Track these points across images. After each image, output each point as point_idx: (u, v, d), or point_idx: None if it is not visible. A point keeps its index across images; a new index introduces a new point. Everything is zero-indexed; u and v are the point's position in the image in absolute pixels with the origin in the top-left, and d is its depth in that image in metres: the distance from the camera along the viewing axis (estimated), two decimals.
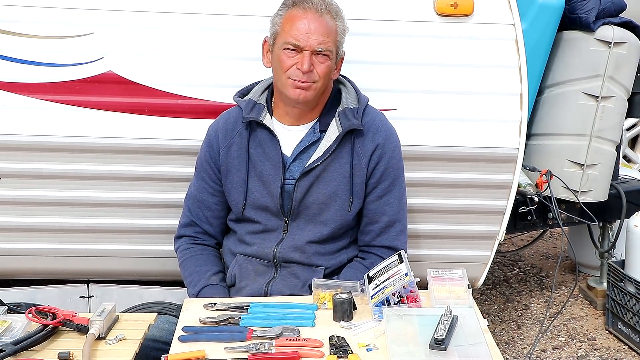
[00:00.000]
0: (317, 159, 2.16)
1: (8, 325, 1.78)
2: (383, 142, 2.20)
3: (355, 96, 2.24)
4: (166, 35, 2.50)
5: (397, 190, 2.24)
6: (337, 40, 2.13)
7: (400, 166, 2.26)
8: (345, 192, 2.19)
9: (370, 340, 1.72)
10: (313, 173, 2.17)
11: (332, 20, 2.11)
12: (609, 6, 2.93)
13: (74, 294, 2.72)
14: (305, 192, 2.18)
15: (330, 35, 2.09)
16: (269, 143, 2.19)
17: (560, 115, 3.01)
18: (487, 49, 2.57)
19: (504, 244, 4.22)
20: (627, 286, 3.16)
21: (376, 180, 2.21)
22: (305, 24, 2.07)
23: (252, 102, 2.21)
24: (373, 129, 2.20)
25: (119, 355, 1.68)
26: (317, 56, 2.08)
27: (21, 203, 2.56)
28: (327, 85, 2.17)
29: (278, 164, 2.18)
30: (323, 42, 2.07)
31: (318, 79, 2.10)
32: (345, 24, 2.17)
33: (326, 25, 2.09)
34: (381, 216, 2.22)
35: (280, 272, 2.21)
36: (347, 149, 2.18)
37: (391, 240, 2.23)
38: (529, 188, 2.96)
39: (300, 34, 2.06)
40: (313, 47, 2.07)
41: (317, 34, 2.07)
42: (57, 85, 2.45)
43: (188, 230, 2.34)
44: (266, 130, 2.19)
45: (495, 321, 3.49)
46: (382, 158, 2.20)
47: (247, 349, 1.67)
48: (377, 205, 2.22)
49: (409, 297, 1.83)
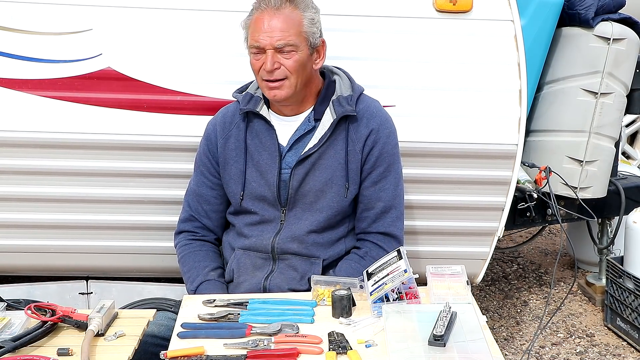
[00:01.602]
0: (312, 147, 2.18)
1: (7, 322, 1.78)
2: (377, 127, 2.21)
3: (350, 85, 2.25)
4: (165, 32, 2.50)
5: (393, 176, 2.24)
6: (304, 31, 2.11)
7: (396, 152, 2.26)
8: (341, 179, 2.20)
9: (369, 336, 1.72)
10: (308, 161, 2.18)
11: (294, 12, 2.10)
12: (608, 2, 2.92)
13: (73, 290, 2.72)
14: (302, 180, 2.19)
15: (291, 28, 2.08)
16: (266, 133, 2.21)
17: (559, 112, 3.01)
18: (486, 45, 2.57)
19: (503, 240, 4.24)
20: (625, 282, 3.17)
21: (371, 166, 2.21)
22: (264, 24, 2.08)
23: (249, 95, 2.24)
24: (367, 115, 2.21)
25: (118, 351, 1.68)
26: (282, 52, 2.09)
27: (20, 199, 2.56)
28: (307, 77, 2.16)
29: (275, 153, 2.20)
30: (282, 38, 2.07)
31: (289, 75, 2.10)
32: (313, 12, 2.14)
33: (285, 19, 2.08)
34: (377, 202, 2.23)
35: (278, 265, 2.21)
36: (342, 136, 2.19)
37: (387, 226, 2.23)
38: (528, 184, 2.96)
39: (260, 34, 2.08)
40: (274, 44, 2.07)
41: (276, 31, 2.07)
42: (56, 82, 2.45)
43: (187, 225, 2.34)
44: (263, 120, 2.22)
45: (494, 317, 3.49)
46: (376, 143, 2.20)
47: (246, 345, 1.68)
48: (372, 191, 2.22)
49: (408, 293, 1.84)
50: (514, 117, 2.58)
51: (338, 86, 2.24)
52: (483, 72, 2.57)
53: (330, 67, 2.32)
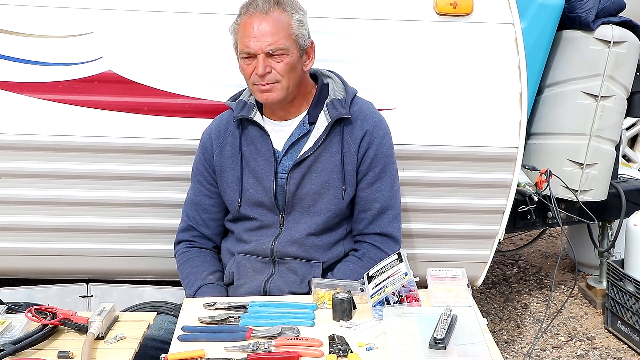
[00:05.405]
0: (307, 150, 2.18)
1: (7, 325, 1.77)
2: (372, 128, 2.22)
3: (343, 88, 2.26)
4: (165, 35, 2.50)
5: (388, 177, 2.25)
6: (293, 34, 2.12)
7: (391, 153, 2.27)
8: (337, 181, 2.20)
9: (369, 339, 1.72)
10: (304, 164, 2.19)
11: (283, 14, 2.11)
12: (609, 5, 2.93)
13: (73, 293, 2.72)
14: (298, 184, 2.19)
15: (280, 31, 2.09)
16: (260, 139, 2.22)
17: (559, 115, 3.01)
18: (486, 48, 2.57)
19: (503, 243, 4.21)
20: (626, 285, 3.17)
21: (366, 167, 2.22)
22: (253, 29, 2.08)
23: (243, 102, 2.26)
24: (362, 117, 2.22)
25: (119, 354, 1.68)
26: (272, 57, 2.10)
27: (20, 202, 2.56)
28: (297, 79, 2.16)
29: (270, 159, 2.20)
30: (273, 42, 2.08)
31: (281, 78, 2.11)
32: (301, 14, 2.15)
33: (274, 23, 2.09)
34: (373, 203, 2.23)
35: (278, 269, 2.22)
36: (337, 139, 2.20)
37: (384, 226, 2.24)
38: (528, 187, 2.96)
39: (250, 39, 2.09)
40: (264, 49, 2.08)
41: (266, 35, 2.08)
42: (56, 85, 2.45)
43: (186, 234, 2.35)
44: (257, 127, 2.23)
45: (495, 320, 3.49)
46: (371, 144, 2.21)
47: (246, 348, 1.67)
48: (368, 192, 2.23)
49: (409, 296, 1.83)
50: (515, 120, 2.58)
51: (331, 89, 2.25)
52: (483, 75, 2.57)
53: (323, 70, 2.33)
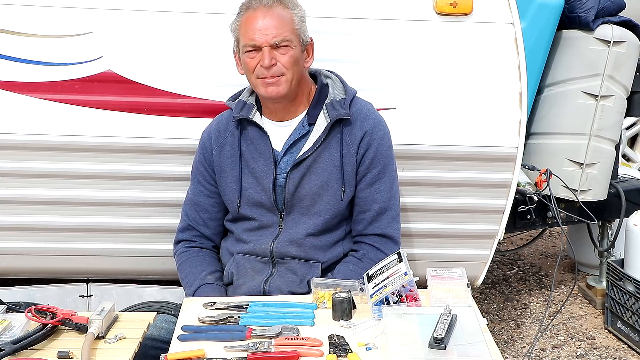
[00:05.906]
0: (306, 151, 2.18)
1: (7, 325, 1.77)
2: (371, 129, 2.22)
3: (342, 88, 2.26)
4: (165, 34, 2.50)
5: (387, 177, 2.25)
6: (295, 28, 2.14)
7: (390, 154, 2.27)
8: (336, 182, 2.20)
9: (369, 339, 1.72)
10: (304, 165, 2.19)
11: (285, 10, 2.13)
12: (608, 5, 2.93)
13: (73, 293, 2.72)
14: (297, 184, 2.19)
15: (284, 25, 2.11)
16: (260, 139, 2.22)
17: (559, 114, 3.01)
18: (486, 48, 2.57)
19: (503, 242, 4.21)
20: (626, 285, 3.17)
21: (366, 168, 2.22)
22: (258, 22, 2.10)
23: (242, 102, 2.26)
24: (361, 118, 2.22)
25: (119, 354, 1.68)
26: (277, 49, 2.11)
27: (20, 202, 2.56)
28: (300, 74, 2.18)
29: (269, 159, 2.20)
30: (278, 34, 2.10)
31: (285, 71, 2.12)
32: (301, 11, 2.18)
33: (278, 17, 2.11)
34: (372, 204, 2.23)
35: (277, 269, 2.22)
36: (336, 139, 2.20)
37: (383, 227, 2.24)
38: (528, 187, 2.97)
39: (255, 32, 2.10)
40: (270, 41, 2.10)
41: (271, 28, 2.10)
42: (56, 84, 2.45)
43: (185, 234, 2.35)
44: (256, 127, 2.23)
45: (495, 320, 3.49)
46: (370, 145, 2.21)
47: (246, 348, 1.67)
48: (367, 193, 2.23)
49: (408, 296, 1.83)
50: (515, 119, 2.58)
51: (331, 89, 2.25)
52: (483, 75, 2.57)
53: (323, 70, 2.33)
